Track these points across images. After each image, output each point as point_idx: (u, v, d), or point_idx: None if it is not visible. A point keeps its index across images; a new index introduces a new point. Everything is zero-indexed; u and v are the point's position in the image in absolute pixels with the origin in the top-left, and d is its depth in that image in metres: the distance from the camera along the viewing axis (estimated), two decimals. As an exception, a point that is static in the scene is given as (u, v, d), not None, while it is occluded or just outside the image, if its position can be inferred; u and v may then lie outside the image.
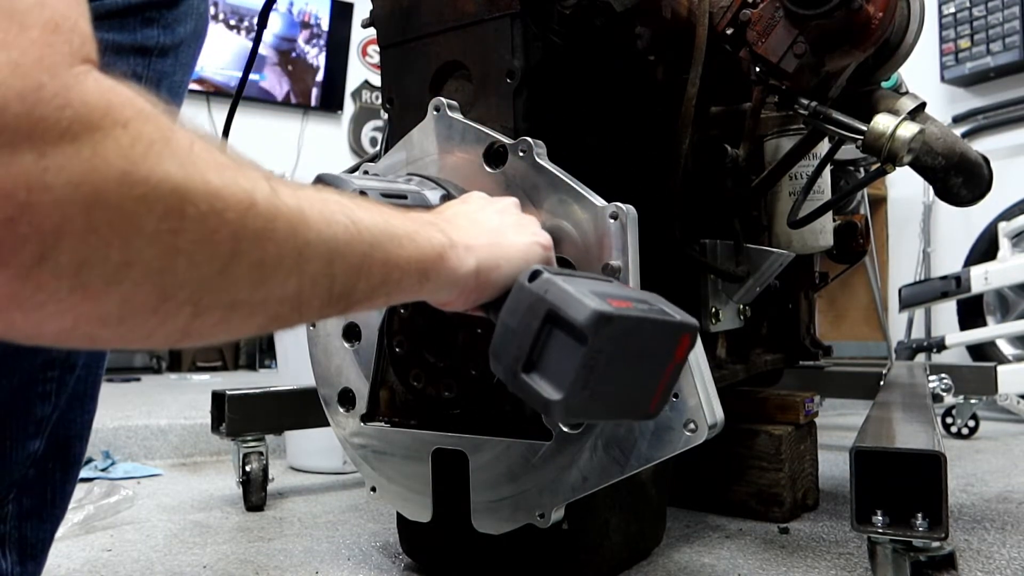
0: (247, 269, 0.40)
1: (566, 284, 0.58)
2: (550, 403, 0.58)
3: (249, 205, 0.39)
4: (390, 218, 0.53)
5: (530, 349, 0.58)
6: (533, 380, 0.58)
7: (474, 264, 0.61)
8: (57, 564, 1.14)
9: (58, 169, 0.31)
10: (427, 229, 0.58)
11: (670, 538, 1.17)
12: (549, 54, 0.93)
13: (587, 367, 0.56)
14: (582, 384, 0.57)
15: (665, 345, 0.64)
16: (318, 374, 1.03)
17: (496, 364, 0.61)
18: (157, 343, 0.39)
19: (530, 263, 0.65)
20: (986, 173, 1.15)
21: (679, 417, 0.75)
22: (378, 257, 0.50)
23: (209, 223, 0.37)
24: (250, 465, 1.44)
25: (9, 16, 0.31)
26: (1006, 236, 2.73)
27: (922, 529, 0.81)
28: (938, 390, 1.93)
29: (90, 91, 0.33)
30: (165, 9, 0.68)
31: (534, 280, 0.60)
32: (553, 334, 0.58)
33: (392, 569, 1.09)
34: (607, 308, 0.56)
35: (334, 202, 0.48)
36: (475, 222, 0.66)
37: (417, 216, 0.59)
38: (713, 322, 1.20)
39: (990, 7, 3.17)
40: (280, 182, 0.43)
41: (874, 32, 0.94)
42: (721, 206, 1.23)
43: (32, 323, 0.34)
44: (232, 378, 4.01)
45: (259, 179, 0.41)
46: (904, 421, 1.07)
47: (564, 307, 0.57)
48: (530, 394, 0.59)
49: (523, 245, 0.67)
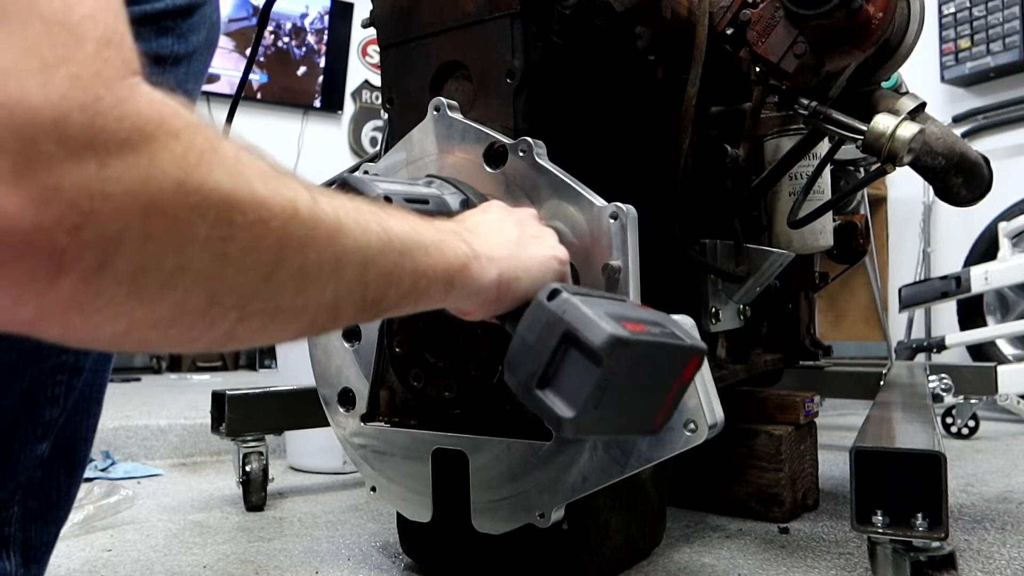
0: (290, 276, 0.41)
1: (584, 306, 0.59)
2: (562, 420, 0.59)
3: (292, 214, 0.40)
4: (418, 227, 0.54)
5: (545, 366, 0.60)
6: (547, 396, 0.60)
7: (495, 275, 0.62)
8: (57, 564, 1.14)
9: (117, 178, 0.32)
10: (452, 238, 0.58)
11: (670, 538, 1.17)
12: (549, 54, 0.93)
13: (600, 387, 0.58)
14: (594, 403, 0.59)
15: (675, 366, 0.66)
16: (318, 374, 1.03)
17: (511, 377, 0.63)
18: (202, 346, 0.41)
19: (548, 277, 0.67)
20: (986, 173, 1.15)
21: (679, 417, 0.75)
22: (408, 266, 0.51)
23: (256, 231, 0.38)
24: (250, 465, 1.44)
25: (67, 31, 0.32)
26: (1006, 236, 2.73)
27: (922, 529, 0.81)
28: (938, 390, 1.93)
29: (143, 103, 0.34)
30: (180, 19, 0.68)
31: (553, 299, 0.61)
32: (569, 353, 0.59)
33: (392, 569, 1.09)
34: (623, 332, 0.58)
35: (367, 211, 0.49)
36: (496, 232, 0.67)
37: (442, 225, 0.60)
38: (713, 322, 1.20)
39: (990, 7, 3.17)
40: (319, 190, 0.44)
41: (874, 32, 0.94)
42: (721, 206, 1.23)
43: (89, 327, 0.35)
44: (232, 378, 4.01)
45: (300, 188, 0.42)
46: (904, 421, 1.07)
47: (581, 328, 0.58)
48: (543, 409, 0.60)
49: (542, 258, 0.69)
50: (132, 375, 4.09)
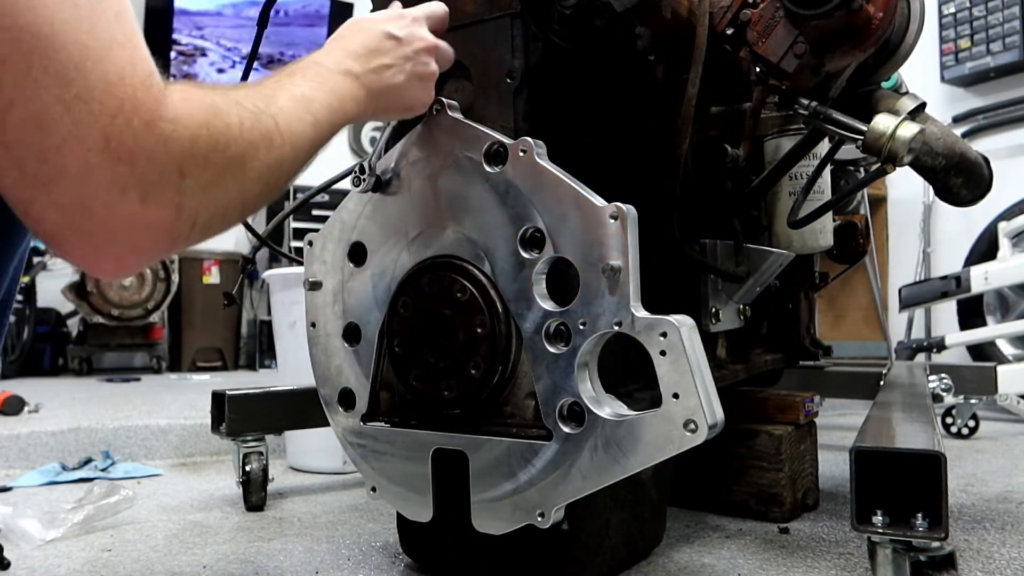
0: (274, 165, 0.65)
1: None
2: None
3: (268, 144, 0.63)
4: (316, 88, 0.75)
5: None
6: None
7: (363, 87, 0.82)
8: (57, 564, 1.14)
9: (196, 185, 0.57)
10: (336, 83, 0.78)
11: (670, 538, 1.17)
12: (549, 54, 0.93)
13: None
14: None
15: None
16: (318, 374, 1.03)
17: None
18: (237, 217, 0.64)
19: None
20: (986, 173, 1.15)
21: (679, 417, 0.75)
22: (325, 123, 0.74)
23: (253, 165, 0.62)
24: (250, 465, 1.44)
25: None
26: (1006, 236, 2.73)
27: (922, 529, 0.80)
28: (938, 390, 1.93)
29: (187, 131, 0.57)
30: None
31: None
32: None
33: (392, 569, 1.09)
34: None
35: (302, 102, 0.70)
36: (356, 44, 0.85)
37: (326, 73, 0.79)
38: (713, 322, 1.20)
39: (990, 7, 3.17)
40: (271, 102, 0.66)
41: (874, 32, 0.94)
42: (721, 206, 1.23)
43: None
44: (232, 378, 4.01)
45: (269, 122, 0.64)
46: (904, 421, 1.07)
47: None
48: None
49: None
50: (132, 375, 4.09)
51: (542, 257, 0.83)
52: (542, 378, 0.84)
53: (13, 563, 1.14)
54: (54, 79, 0.48)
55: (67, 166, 0.49)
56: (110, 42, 0.50)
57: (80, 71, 0.48)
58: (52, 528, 1.27)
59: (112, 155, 0.49)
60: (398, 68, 0.83)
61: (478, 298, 0.87)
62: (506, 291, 0.86)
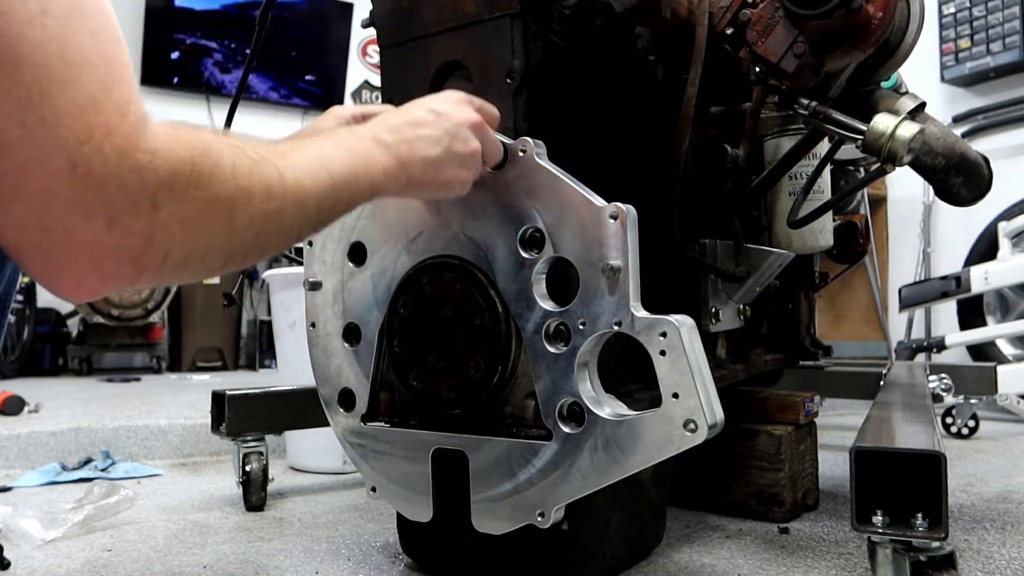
0: (263, 226, 0.61)
1: None
2: None
3: (267, 195, 0.60)
4: (345, 154, 0.71)
5: None
6: None
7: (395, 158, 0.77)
8: (57, 564, 1.14)
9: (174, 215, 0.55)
10: (369, 149, 0.74)
11: (670, 538, 1.17)
12: (549, 54, 0.93)
13: None
14: None
15: None
16: (318, 374, 1.03)
17: None
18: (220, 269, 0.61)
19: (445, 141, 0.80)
20: (986, 173, 1.15)
21: (679, 417, 0.75)
22: (343, 195, 0.70)
23: (244, 211, 0.59)
24: (250, 465, 1.44)
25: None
26: (1006, 236, 2.73)
27: (922, 529, 0.80)
28: (938, 390, 1.93)
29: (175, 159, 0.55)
30: None
31: None
32: None
33: (392, 569, 1.09)
34: None
35: (317, 160, 0.67)
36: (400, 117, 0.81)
37: (359, 142, 0.75)
38: (713, 322, 1.20)
39: (990, 7, 3.17)
40: (285, 158, 0.63)
41: (874, 32, 0.94)
42: (721, 206, 1.23)
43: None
44: (232, 378, 4.01)
45: (272, 171, 0.61)
46: (904, 421, 1.07)
47: None
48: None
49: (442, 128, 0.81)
50: (132, 375, 4.09)
51: (542, 257, 0.83)
52: (542, 378, 0.84)
53: (13, 563, 1.14)
54: (15, 103, 0.46)
55: (25, 188, 0.48)
56: (81, 64, 0.48)
57: (46, 95, 0.47)
58: (52, 528, 1.27)
59: (79, 181, 0.48)
60: (434, 140, 0.77)
61: (478, 298, 0.87)
62: (506, 291, 0.86)
